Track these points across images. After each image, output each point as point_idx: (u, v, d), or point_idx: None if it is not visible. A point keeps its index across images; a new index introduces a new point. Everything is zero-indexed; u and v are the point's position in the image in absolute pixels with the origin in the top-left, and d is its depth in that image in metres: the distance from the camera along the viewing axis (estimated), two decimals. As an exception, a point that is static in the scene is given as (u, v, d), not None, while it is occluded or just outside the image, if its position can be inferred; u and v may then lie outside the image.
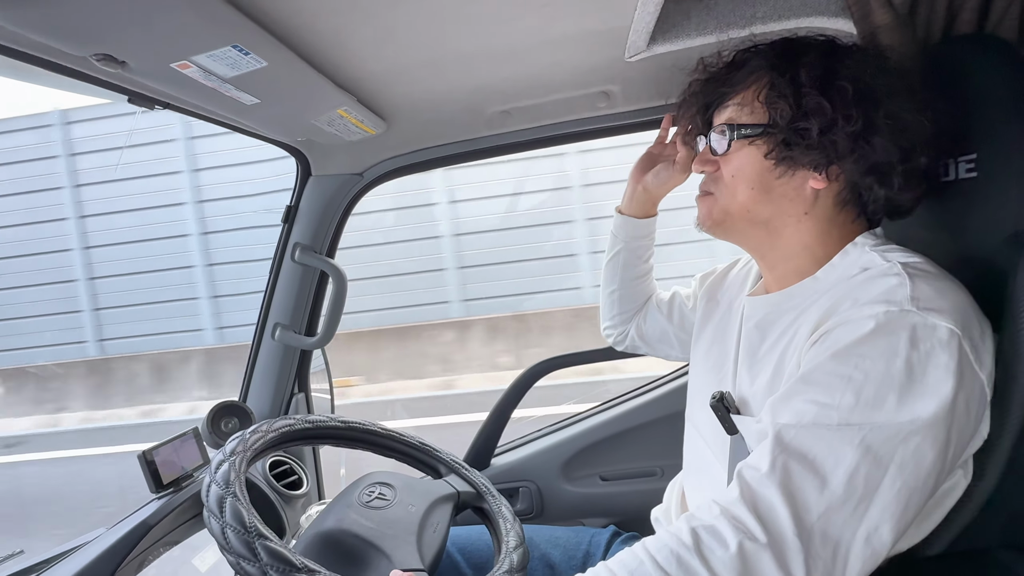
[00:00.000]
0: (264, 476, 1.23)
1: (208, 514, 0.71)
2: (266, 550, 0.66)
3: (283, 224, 1.28)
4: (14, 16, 0.53)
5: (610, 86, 1.05)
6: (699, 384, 0.89)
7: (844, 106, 0.66)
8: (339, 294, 1.29)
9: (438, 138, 1.20)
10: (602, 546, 1.08)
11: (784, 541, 0.55)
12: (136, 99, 0.79)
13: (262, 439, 0.84)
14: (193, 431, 1.10)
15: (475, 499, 0.96)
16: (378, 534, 0.80)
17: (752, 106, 0.73)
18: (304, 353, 1.37)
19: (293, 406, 1.37)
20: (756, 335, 0.76)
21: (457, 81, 0.96)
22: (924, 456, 0.55)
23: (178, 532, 1.03)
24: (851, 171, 0.68)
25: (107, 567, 0.91)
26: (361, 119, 0.99)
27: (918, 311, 0.58)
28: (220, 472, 0.74)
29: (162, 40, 0.60)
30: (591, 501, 1.42)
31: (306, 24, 0.70)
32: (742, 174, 0.74)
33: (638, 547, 0.60)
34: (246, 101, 0.80)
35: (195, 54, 0.64)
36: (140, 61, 0.64)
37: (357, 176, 1.25)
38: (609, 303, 1.13)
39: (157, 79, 0.70)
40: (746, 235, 0.78)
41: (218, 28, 0.61)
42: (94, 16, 0.55)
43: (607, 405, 1.47)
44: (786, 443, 0.58)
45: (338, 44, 0.77)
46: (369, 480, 0.91)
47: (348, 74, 0.86)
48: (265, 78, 0.74)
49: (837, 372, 0.59)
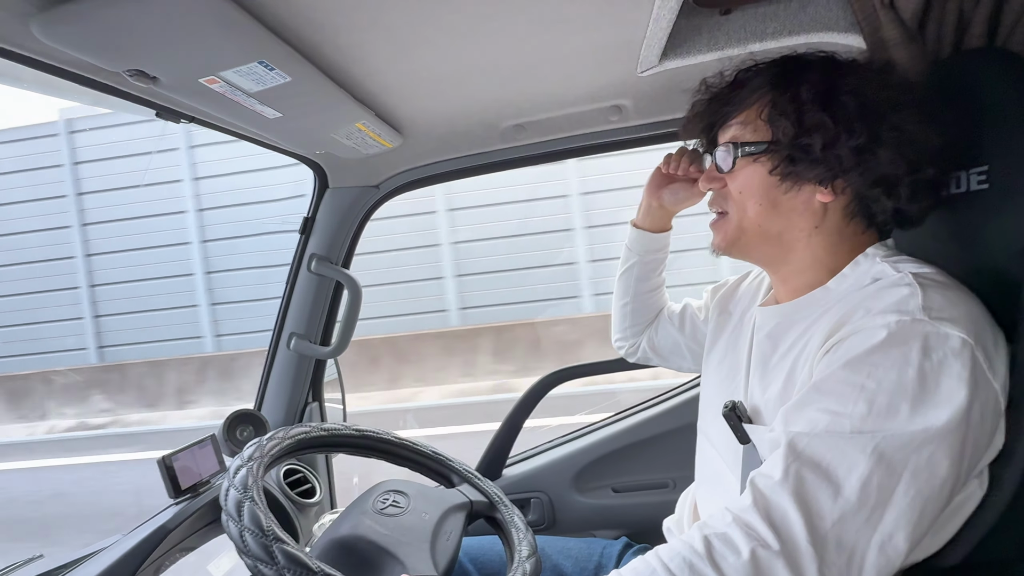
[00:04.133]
0: (278, 484, 1.24)
1: (227, 518, 0.72)
2: (283, 554, 0.67)
3: (300, 235, 1.31)
4: (55, 33, 0.56)
5: (622, 100, 1.07)
6: (711, 395, 0.89)
7: (846, 120, 0.66)
8: (354, 304, 1.30)
9: (453, 151, 1.22)
10: (614, 558, 1.08)
11: (797, 549, 0.55)
12: (163, 113, 0.82)
13: (279, 446, 0.85)
14: (211, 438, 1.12)
15: (488, 509, 0.96)
16: (393, 541, 0.80)
17: (755, 124, 0.74)
18: (319, 362, 1.39)
19: (307, 415, 1.38)
20: (768, 345, 0.76)
21: (472, 95, 0.98)
22: (938, 465, 0.55)
23: (194, 538, 1.04)
24: (857, 184, 0.69)
25: (125, 571, 0.92)
26: (379, 132, 1.01)
27: (930, 320, 0.58)
28: (239, 477, 0.75)
29: (193, 56, 0.63)
30: (603, 512, 1.41)
31: (328, 40, 0.72)
32: (749, 190, 0.74)
33: (650, 555, 0.60)
34: (269, 115, 0.82)
35: (223, 69, 0.66)
36: (171, 76, 0.67)
37: (373, 188, 1.28)
38: (621, 315, 1.14)
39: (186, 94, 0.72)
40: (760, 251, 0.78)
41: (245, 44, 0.63)
42: (130, 33, 0.57)
43: (618, 417, 1.47)
44: (799, 451, 0.58)
45: (358, 59, 0.79)
46: (383, 488, 0.92)
47: (367, 89, 0.88)
48: (288, 93, 0.76)
49: (850, 381, 0.59)
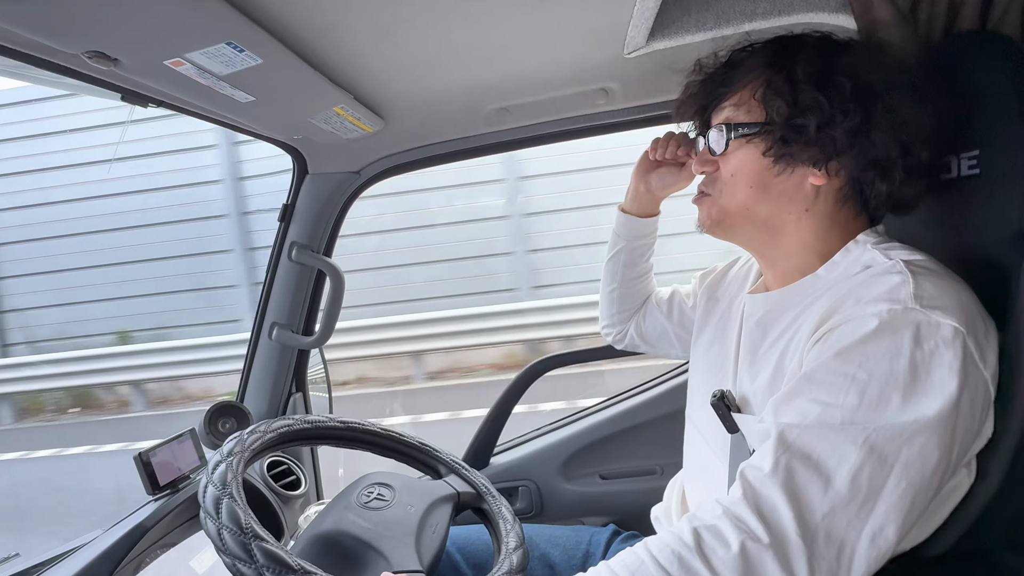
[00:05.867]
0: (262, 476, 1.22)
1: (204, 515, 0.70)
2: (262, 551, 0.66)
3: (279, 223, 1.27)
4: (7, 12, 0.53)
5: (609, 83, 1.04)
6: (699, 383, 0.88)
7: (841, 101, 0.65)
8: (336, 293, 1.28)
9: (436, 136, 1.19)
10: (602, 545, 1.08)
11: (787, 541, 0.54)
12: (129, 97, 0.78)
13: (260, 440, 0.83)
14: (190, 432, 1.09)
15: (475, 500, 0.95)
16: (376, 535, 0.79)
17: (749, 105, 0.73)
18: (302, 352, 1.36)
19: (291, 406, 1.36)
20: (757, 333, 0.75)
21: (455, 78, 0.95)
22: (929, 455, 0.55)
23: (175, 534, 1.02)
24: (851, 166, 0.68)
25: (104, 570, 0.90)
26: (358, 117, 0.98)
27: (922, 309, 0.57)
28: (217, 473, 0.74)
29: (154, 37, 0.60)
30: (591, 500, 1.41)
31: (301, 21, 0.69)
32: (741, 173, 0.73)
33: (639, 547, 0.60)
34: (241, 99, 0.79)
35: (189, 51, 0.63)
36: (132, 59, 0.63)
37: (354, 174, 1.24)
38: (608, 301, 1.13)
39: (150, 77, 0.69)
40: (746, 234, 0.77)
41: (212, 25, 0.60)
42: (85, 13, 0.54)
43: (606, 404, 1.47)
44: (789, 443, 0.57)
45: (334, 41, 0.76)
46: (368, 480, 0.90)
47: (345, 71, 0.85)
48: (260, 76, 0.73)
49: (840, 371, 0.58)
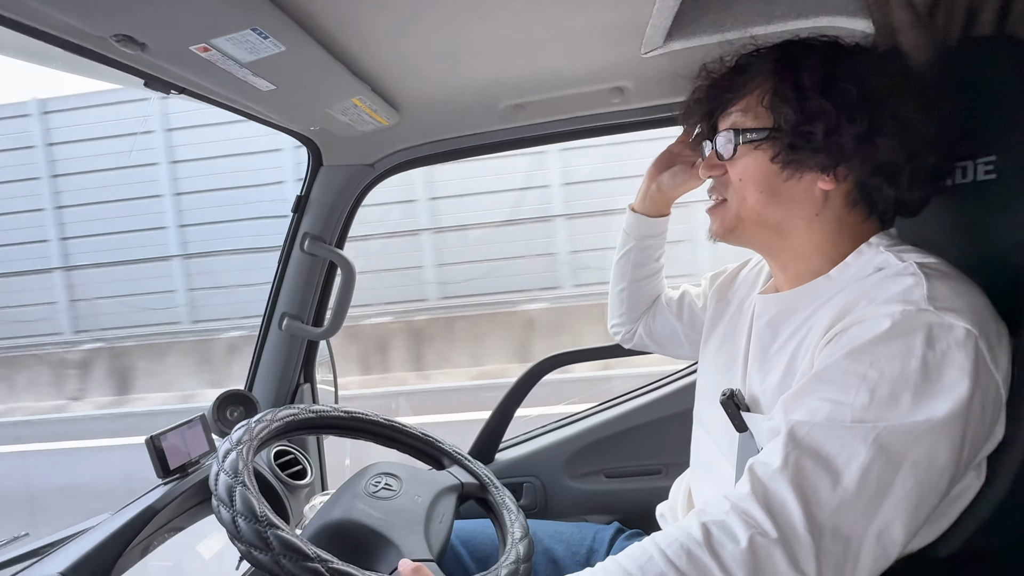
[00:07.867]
0: (268, 465, 1.23)
1: (218, 503, 0.70)
2: (278, 539, 0.66)
3: (293, 214, 1.28)
4: None
5: (624, 82, 1.04)
6: (708, 383, 0.89)
7: (848, 108, 0.66)
8: (347, 285, 1.28)
9: (450, 131, 1.20)
10: (606, 542, 1.08)
11: (796, 537, 0.54)
12: (153, 83, 0.79)
13: (268, 428, 0.83)
14: (200, 418, 1.10)
15: (479, 491, 0.96)
16: (386, 524, 0.79)
17: (756, 111, 0.73)
18: (311, 344, 1.37)
19: (298, 396, 1.37)
20: (767, 333, 0.76)
21: (471, 73, 0.96)
22: (938, 456, 0.55)
23: (183, 518, 1.03)
24: (859, 171, 0.68)
25: (112, 551, 0.90)
26: (375, 109, 0.99)
27: (935, 311, 0.57)
28: (228, 461, 0.74)
29: (184, 21, 0.60)
30: (595, 498, 1.41)
31: (324, 10, 0.69)
32: (749, 177, 0.73)
33: (647, 541, 0.60)
34: (262, 87, 0.80)
35: (215, 36, 0.64)
36: (160, 43, 0.64)
37: (369, 167, 1.25)
38: (618, 301, 1.13)
39: (176, 62, 0.69)
40: (758, 238, 0.78)
41: (239, 10, 0.61)
42: None
43: (611, 403, 1.47)
44: (799, 439, 0.58)
45: (355, 32, 0.76)
46: (375, 470, 0.91)
47: (364, 63, 0.86)
48: (282, 64, 0.73)
49: (852, 370, 0.58)
